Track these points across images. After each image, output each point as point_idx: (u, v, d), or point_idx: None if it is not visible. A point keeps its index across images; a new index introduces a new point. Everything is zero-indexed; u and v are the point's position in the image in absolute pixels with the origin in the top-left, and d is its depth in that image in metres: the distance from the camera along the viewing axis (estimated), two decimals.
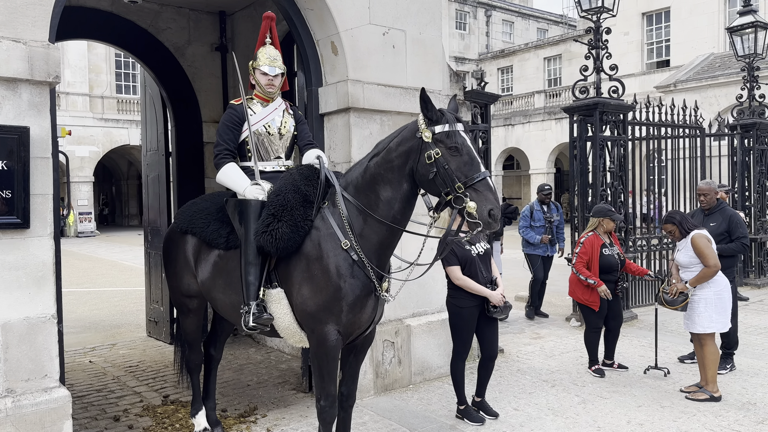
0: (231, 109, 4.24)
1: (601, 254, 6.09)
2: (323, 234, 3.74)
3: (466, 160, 3.35)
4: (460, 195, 3.29)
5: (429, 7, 5.92)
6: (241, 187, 4.03)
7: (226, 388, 5.81)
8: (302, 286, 3.74)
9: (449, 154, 3.36)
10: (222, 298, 4.20)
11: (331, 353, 3.70)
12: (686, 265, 5.59)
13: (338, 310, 3.64)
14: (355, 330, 3.78)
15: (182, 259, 4.46)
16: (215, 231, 4.24)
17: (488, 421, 4.89)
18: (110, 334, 8.44)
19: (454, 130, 3.40)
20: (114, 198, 40.94)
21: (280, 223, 3.71)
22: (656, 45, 25.39)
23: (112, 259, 19.36)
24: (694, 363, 6.37)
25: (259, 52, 4.30)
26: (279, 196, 3.83)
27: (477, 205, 3.26)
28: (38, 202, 3.72)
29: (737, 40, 11.72)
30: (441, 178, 3.35)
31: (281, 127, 4.32)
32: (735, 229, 6.30)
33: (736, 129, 11.41)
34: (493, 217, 3.27)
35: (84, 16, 6.95)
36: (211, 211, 4.37)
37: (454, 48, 36.46)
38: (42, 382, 3.75)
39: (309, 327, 3.76)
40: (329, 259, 3.67)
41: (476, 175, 3.31)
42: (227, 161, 4.15)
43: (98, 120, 30.66)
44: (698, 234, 5.56)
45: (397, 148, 3.57)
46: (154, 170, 7.87)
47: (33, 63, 3.66)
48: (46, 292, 3.78)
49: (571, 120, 8.67)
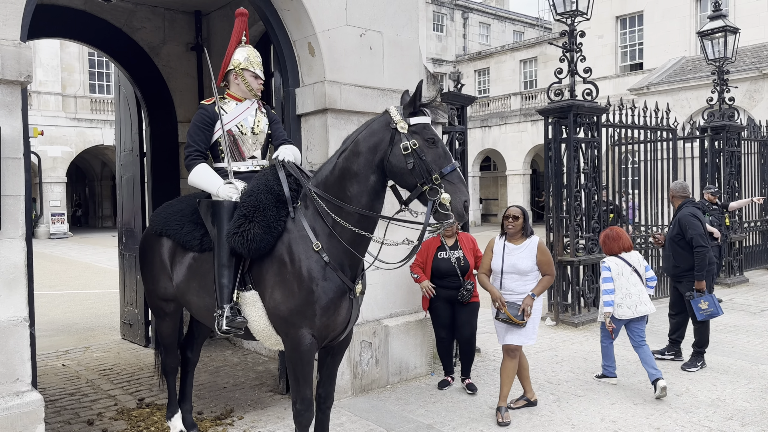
0: (202, 109, 4.15)
1: (435, 257, 5.59)
2: (294, 236, 3.69)
3: (441, 153, 3.42)
4: (435, 186, 3.33)
5: (406, 9, 5.95)
6: (215, 186, 3.96)
7: (202, 390, 5.76)
8: (274, 290, 3.69)
9: (426, 145, 3.41)
10: (196, 301, 4.15)
11: (306, 357, 3.67)
12: (526, 271, 4.97)
13: (311, 313, 3.60)
14: (330, 332, 3.75)
15: (158, 262, 4.39)
16: (189, 233, 4.18)
17: (465, 420, 4.93)
18: (84, 337, 8.32)
19: (429, 122, 3.50)
20: (87, 199, 40.26)
21: (251, 224, 3.66)
22: (630, 48, 25.77)
23: (85, 261, 19.07)
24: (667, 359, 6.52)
25: (246, 53, 4.22)
26: (251, 196, 3.77)
27: (451, 197, 3.30)
28: (9, 204, 3.66)
29: (708, 44, 11.96)
30: (418, 169, 3.38)
31: (254, 126, 4.25)
32: (686, 231, 6.28)
33: (707, 131, 11.63)
34: (466, 208, 3.36)
35: (56, 15, 6.84)
36: (185, 212, 4.30)
37: (431, 50, 36.60)
38: (13, 386, 3.68)
39: (283, 331, 3.73)
40: (301, 262, 3.64)
41: (449, 166, 3.37)
42: (198, 162, 4.07)
43: (71, 120, 30.15)
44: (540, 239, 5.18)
45: (366, 140, 3.57)
46: (128, 171, 7.78)
47: (4, 62, 3.60)
48: (18, 295, 3.72)
49: (546, 122, 8.77)
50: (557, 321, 8.39)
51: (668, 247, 6.58)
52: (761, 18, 20.96)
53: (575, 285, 8.44)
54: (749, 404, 5.23)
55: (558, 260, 8.43)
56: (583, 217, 8.67)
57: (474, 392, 5.54)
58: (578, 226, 8.59)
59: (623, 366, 6.36)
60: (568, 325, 8.23)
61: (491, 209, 35.43)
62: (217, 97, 4.16)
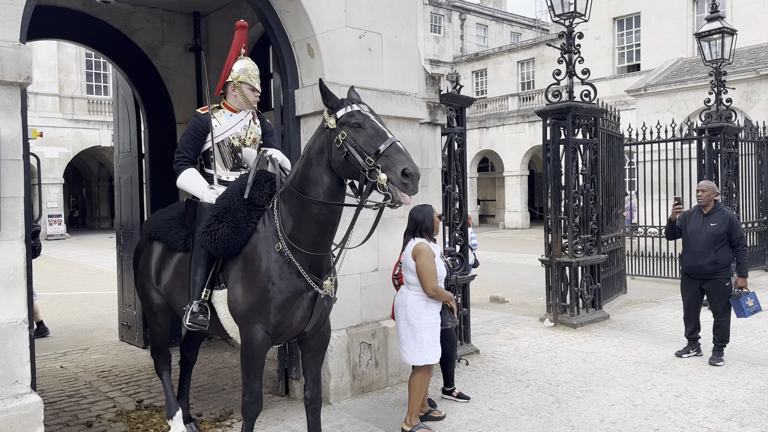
0: (196, 118, 4.35)
1: None
2: (261, 236, 3.86)
3: (371, 133, 3.43)
4: (373, 168, 3.32)
5: (405, 11, 5.95)
6: (200, 190, 4.21)
7: (201, 392, 5.75)
8: (235, 286, 3.88)
9: (354, 132, 3.45)
10: (179, 300, 4.30)
11: (257, 352, 3.82)
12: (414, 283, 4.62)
13: (266, 311, 3.75)
14: (287, 330, 3.86)
15: (149, 265, 4.57)
16: (175, 234, 4.40)
17: (464, 422, 4.93)
18: (82, 338, 8.30)
19: (355, 110, 3.52)
20: (84, 200, 40.19)
21: (221, 224, 3.84)
22: (627, 49, 25.80)
23: (82, 262, 19.02)
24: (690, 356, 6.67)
25: (245, 66, 4.37)
26: (225, 199, 3.98)
27: (388, 173, 3.26)
28: (9, 205, 3.65)
29: (705, 46, 11.97)
30: (353, 156, 3.41)
31: (246, 137, 4.45)
32: (734, 231, 6.42)
33: (704, 133, 11.65)
34: (407, 175, 3.25)
35: (55, 16, 6.83)
36: (175, 216, 4.52)
37: (429, 51, 36.64)
38: (13, 388, 3.67)
39: (239, 325, 3.89)
40: (261, 261, 3.80)
41: (384, 143, 3.35)
42: (186, 167, 4.29)
43: (68, 121, 30.09)
44: (424, 244, 4.63)
45: (314, 145, 3.70)
46: (126, 172, 7.76)
47: (3, 63, 3.58)
48: (17, 297, 3.70)
49: (544, 123, 8.78)
50: (556, 322, 8.39)
51: (707, 244, 6.44)
52: (758, 19, 21.00)
53: (573, 286, 8.45)
54: (748, 405, 5.24)
55: (557, 261, 8.45)
56: (582, 219, 8.68)
57: (467, 400, 5.42)
58: (577, 227, 8.60)
59: (622, 367, 6.37)
60: (566, 327, 8.24)
61: (489, 210, 35.47)
62: (210, 108, 4.34)
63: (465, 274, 6.91)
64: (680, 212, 6.76)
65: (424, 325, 4.55)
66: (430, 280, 4.49)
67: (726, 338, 6.57)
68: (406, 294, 4.67)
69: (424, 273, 4.50)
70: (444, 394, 5.50)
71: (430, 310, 4.59)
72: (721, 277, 6.48)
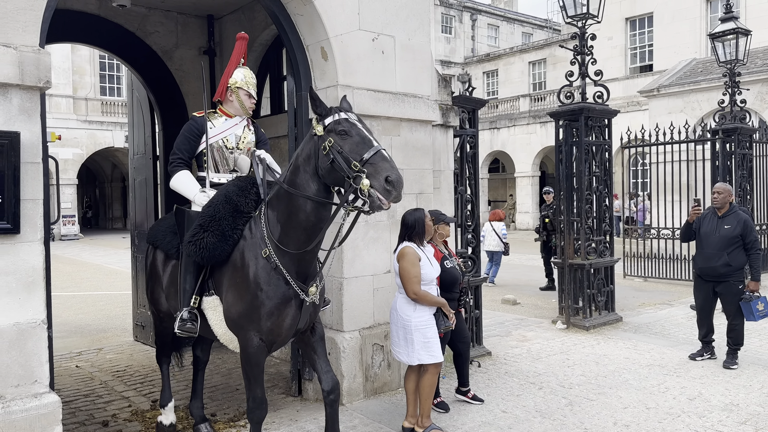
0: (192, 120, 4.48)
1: (443, 268, 5.03)
2: (248, 243, 3.90)
3: (357, 141, 3.47)
4: (358, 173, 3.36)
5: (418, 14, 5.97)
6: (192, 193, 4.31)
7: (215, 392, 5.80)
8: (227, 294, 3.93)
9: (340, 139, 3.49)
10: (175, 305, 4.37)
11: (254, 359, 3.85)
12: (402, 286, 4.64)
13: (257, 317, 3.79)
14: (277, 337, 3.88)
15: (153, 271, 4.71)
16: (170, 242, 4.49)
17: (476, 423, 4.93)
18: (97, 338, 8.38)
19: (342, 118, 3.56)
20: (97, 201, 40.53)
21: (206, 233, 3.88)
22: (639, 50, 25.66)
23: (96, 262, 19.18)
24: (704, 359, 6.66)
25: (244, 74, 4.54)
26: (210, 207, 4.02)
27: (371, 180, 3.31)
28: (29, 208, 3.71)
29: (719, 46, 11.89)
30: (339, 162, 3.44)
31: (239, 142, 4.54)
32: (749, 234, 6.41)
33: (718, 134, 11.57)
34: (390, 182, 3.30)
35: (71, 19, 6.91)
36: (171, 223, 4.62)
37: (440, 51, 36.59)
38: (32, 387, 3.72)
39: (235, 333, 3.94)
40: (249, 267, 3.83)
41: (369, 151, 3.40)
42: (180, 169, 4.39)
43: (82, 122, 30.34)
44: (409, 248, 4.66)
45: (302, 152, 3.75)
46: (141, 174, 7.84)
47: (24, 68, 3.64)
48: (37, 298, 3.76)
49: (556, 124, 8.76)
50: (568, 324, 8.37)
51: (720, 246, 6.42)
52: None
53: (586, 288, 8.42)
54: (763, 409, 5.21)
55: (569, 263, 8.43)
56: (594, 220, 8.65)
57: (481, 402, 5.44)
58: (589, 229, 8.57)
59: (635, 370, 6.35)
60: (579, 329, 8.21)
61: None
62: (207, 111, 4.48)
63: (477, 276, 6.91)
64: (699, 214, 6.73)
65: (413, 327, 4.59)
66: (411, 283, 4.54)
67: (740, 341, 6.53)
68: (397, 297, 4.77)
69: (405, 276, 4.57)
70: (458, 395, 5.51)
71: (419, 313, 4.62)
72: (733, 279, 6.45)
